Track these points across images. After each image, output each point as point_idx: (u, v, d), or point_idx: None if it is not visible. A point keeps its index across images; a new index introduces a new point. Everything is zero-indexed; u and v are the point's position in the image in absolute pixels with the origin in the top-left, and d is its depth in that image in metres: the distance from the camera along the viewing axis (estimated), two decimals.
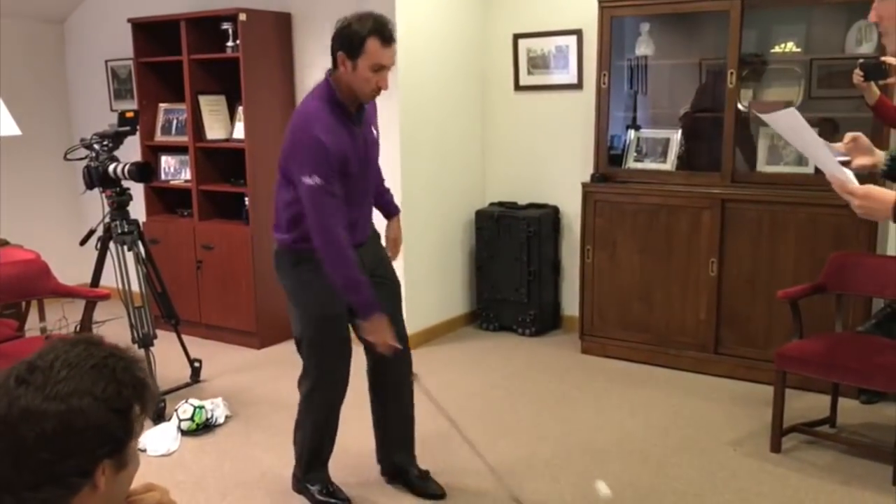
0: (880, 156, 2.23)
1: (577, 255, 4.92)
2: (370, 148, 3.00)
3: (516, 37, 5.36)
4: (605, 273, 4.77)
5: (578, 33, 5.10)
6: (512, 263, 5.23)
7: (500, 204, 5.46)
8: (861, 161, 2.22)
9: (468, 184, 5.55)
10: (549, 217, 5.29)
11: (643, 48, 4.90)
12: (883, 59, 3.56)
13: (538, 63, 5.33)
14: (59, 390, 1.16)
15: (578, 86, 5.17)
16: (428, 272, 5.19)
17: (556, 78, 5.27)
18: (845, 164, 2.19)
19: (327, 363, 3.06)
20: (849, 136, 2.25)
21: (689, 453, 3.59)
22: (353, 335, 3.05)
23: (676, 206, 4.53)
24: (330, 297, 2.89)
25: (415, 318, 4.77)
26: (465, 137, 5.49)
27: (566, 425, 3.92)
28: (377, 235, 3.20)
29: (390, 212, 3.36)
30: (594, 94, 4.82)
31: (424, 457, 3.39)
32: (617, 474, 3.41)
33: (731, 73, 4.34)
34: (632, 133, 4.98)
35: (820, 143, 2.07)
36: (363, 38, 2.69)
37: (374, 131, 3.04)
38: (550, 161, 5.37)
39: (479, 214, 5.40)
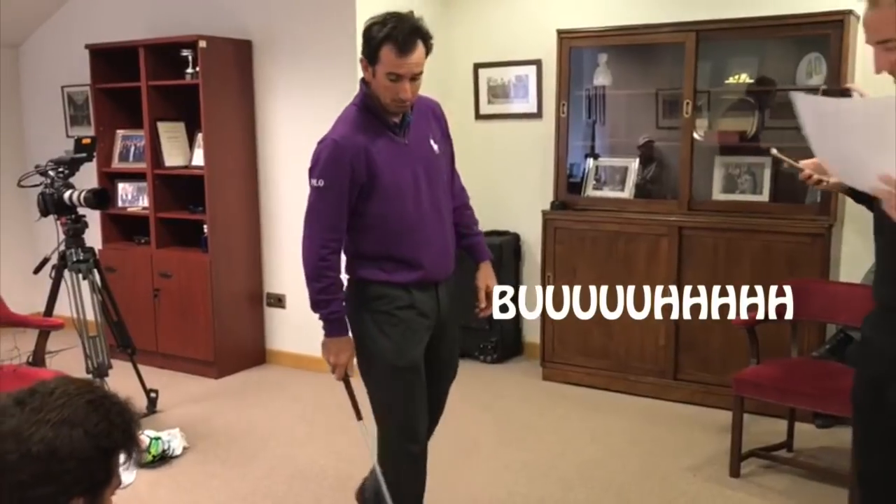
0: None
1: (538, 281, 4.95)
2: (427, 163, 2.64)
3: (476, 66, 5.41)
4: None
5: (538, 63, 5.17)
6: (473, 290, 5.22)
7: None
8: (835, 180, 2.27)
9: None
10: (509, 244, 5.31)
11: (601, 78, 4.99)
12: (847, 86, 3.64)
13: (498, 92, 5.39)
14: (53, 416, 1.19)
15: (538, 115, 5.23)
16: None
17: (516, 107, 5.33)
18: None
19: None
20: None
21: (649, 479, 3.61)
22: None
23: (634, 233, 4.58)
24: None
25: None
26: None
27: (528, 453, 3.92)
28: (453, 282, 2.84)
29: (479, 256, 2.92)
30: (553, 123, 4.88)
31: None
32: (579, 501, 3.41)
33: (687, 104, 4.43)
34: (590, 161, 5.05)
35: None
36: (377, 44, 2.43)
37: (435, 146, 2.68)
38: (511, 189, 5.41)
39: None
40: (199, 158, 5.13)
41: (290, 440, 4.08)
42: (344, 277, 2.66)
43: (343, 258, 2.66)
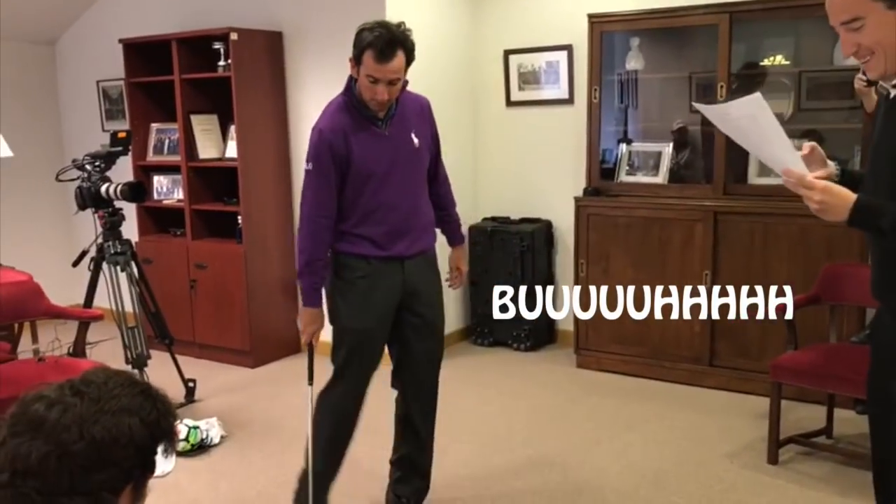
0: (832, 167, 2.19)
1: (571, 269, 4.93)
2: (405, 153, 2.89)
3: (507, 52, 5.38)
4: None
5: (569, 49, 5.12)
6: (506, 278, 5.22)
7: (494, 219, 5.47)
8: (817, 173, 2.16)
9: (461, 199, 5.40)
10: (542, 231, 5.29)
11: (633, 63, 4.94)
12: None
13: (529, 78, 5.36)
14: (112, 405, 1.25)
15: (569, 101, 5.20)
16: None
17: (548, 93, 5.30)
18: None
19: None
20: (807, 145, 2.18)
21: (686, 466, 3.59)
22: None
23: (669, 218, 4.54)
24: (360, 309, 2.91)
25: None
26: (458, 152, 5.49)
27: (562, 441, 3.91)
28: (432, 260, 3.08)
29: (453, 241, 3.32)
30: (585, 108, 4.85)
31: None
32: (615, 488, 3.40)
33: (721, 87, 4.37)
34: (623, 147, 5.01)
35: (782, 133, 1.94)
36: (362, 48, 2.70)
37: (416, 140, 2.92)
38: (543, 175, 5.38)
39: (473, 230, 5.39)
40: (232, 150, 5.18)
41: None
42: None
43: None
